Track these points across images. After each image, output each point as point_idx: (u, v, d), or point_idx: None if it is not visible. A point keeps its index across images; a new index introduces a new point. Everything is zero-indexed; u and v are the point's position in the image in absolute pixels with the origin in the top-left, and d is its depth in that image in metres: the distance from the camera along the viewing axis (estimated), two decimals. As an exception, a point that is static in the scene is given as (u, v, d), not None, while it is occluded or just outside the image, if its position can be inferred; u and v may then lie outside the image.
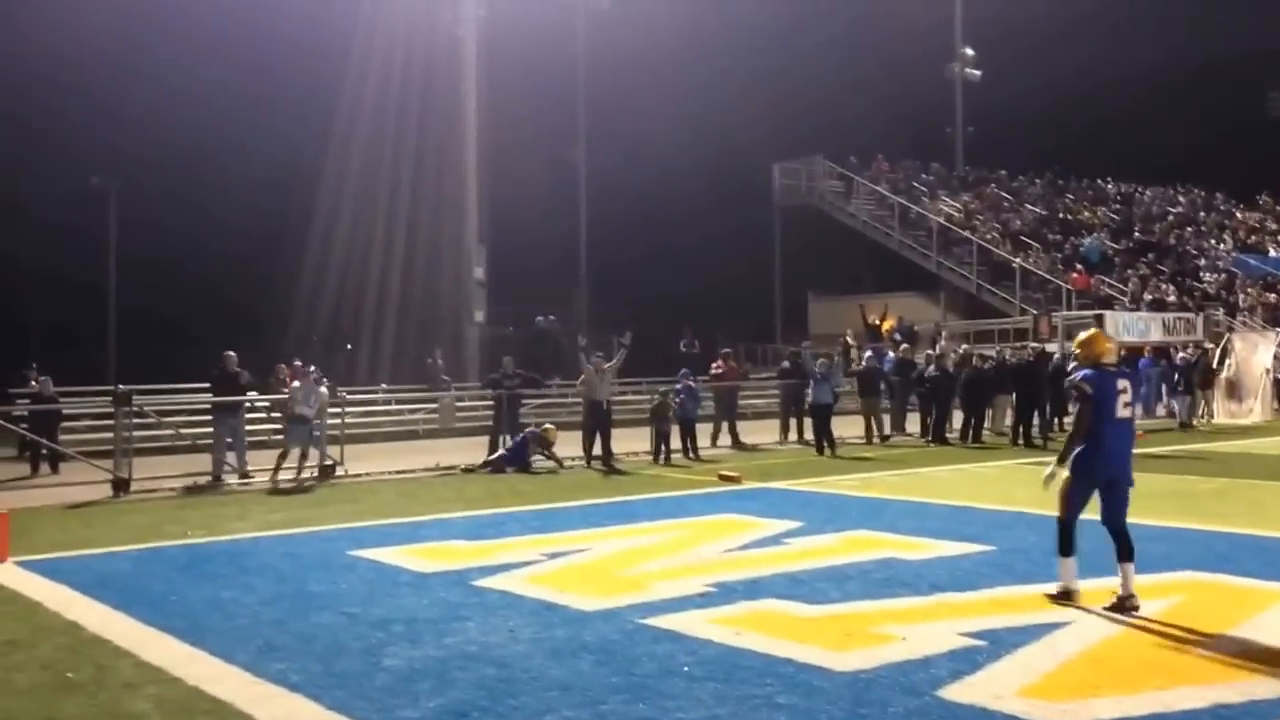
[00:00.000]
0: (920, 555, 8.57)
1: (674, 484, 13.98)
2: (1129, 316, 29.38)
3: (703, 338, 29.03)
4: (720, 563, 8.48)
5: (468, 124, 30.29)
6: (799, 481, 13.73)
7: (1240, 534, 9.34)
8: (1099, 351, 6.96)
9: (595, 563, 8.64)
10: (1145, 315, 29.84)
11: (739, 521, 10.57)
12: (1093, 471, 6.80)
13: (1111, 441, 6.80)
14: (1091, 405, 6.77)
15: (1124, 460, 6.87)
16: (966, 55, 45.10)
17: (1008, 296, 31.97)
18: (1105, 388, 6.79)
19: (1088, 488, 6.84)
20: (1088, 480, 6.81)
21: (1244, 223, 42.95)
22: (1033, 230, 35.83)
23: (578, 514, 11.46)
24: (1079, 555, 6.98)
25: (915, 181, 38.97)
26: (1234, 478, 13.58)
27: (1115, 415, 6.80)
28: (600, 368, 16.39)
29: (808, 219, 38.21)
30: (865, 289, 37.46)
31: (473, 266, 30.68)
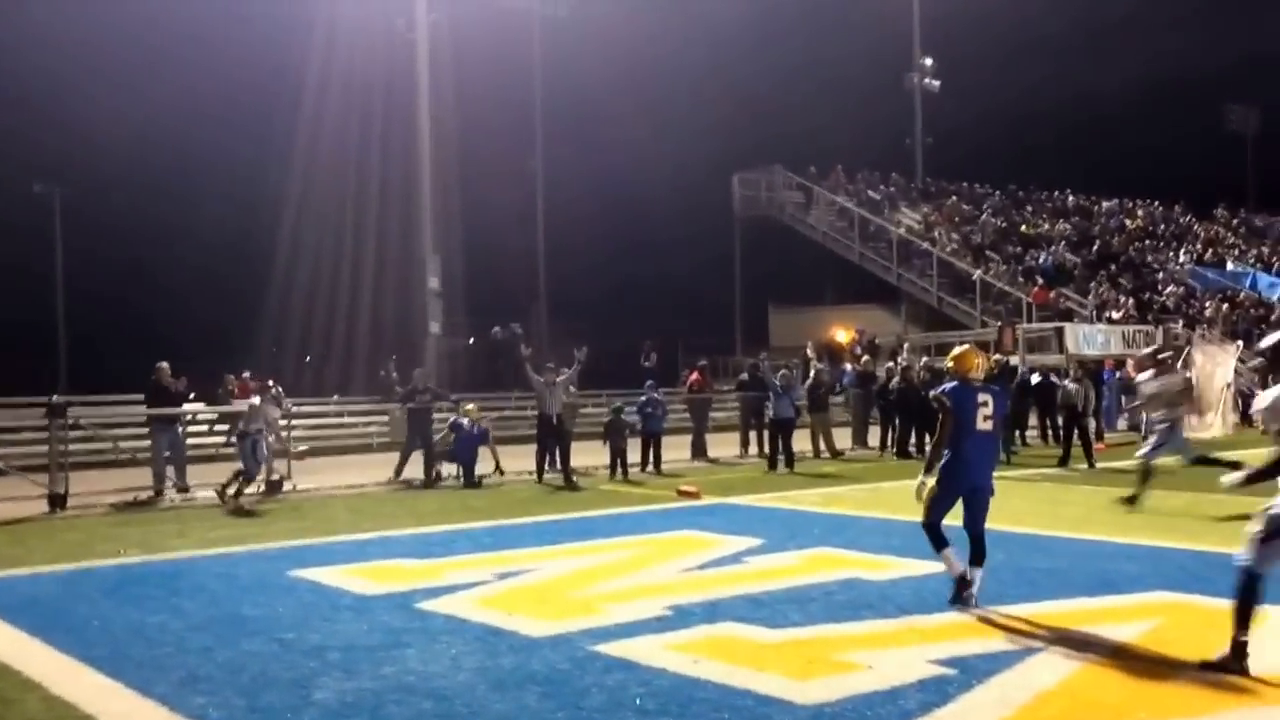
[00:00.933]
0: (885, 575, 8.25)
1: (631, 499, 13.62)
2: (1088, 329, 29.43)
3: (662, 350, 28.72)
4: (678, 583, 8.12)
5: (421, 131, 29.79)
6: (760, 497, 13.41)
7: (1211, 551, 9.08)
8: (967, 367, 7.26)
9: (547, 583, 8.26)
10: (1105, 328, 29.92)
11: (697, 539, 10.22)
12: (956, 480, 7.14)
13: (972, 452, 7.14)
14: (951, 418, 7.09)
15: (984, 469, 7.25)
16: (925, 66, 45.15)
17: (968, 309, 31.94)
18: (964, 402, 7.12)
19: (952, 495, 7.19)
20: (952, 489, 7.15)
21: (1201, 236, 43.34)
22: (993, 242, 35.86)
23: (531, 531, 11.08)
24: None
25: (875, 192, 38.91)
26: (1200, 492, 13.37)
27: (975, 428, 7.12)
28: (551, 380, 15.93)
29: (768, 230, 38.05)
30: (826, 301, 37.43)
31: (427, 277, 30.15)
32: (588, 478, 16.19)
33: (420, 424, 16.11)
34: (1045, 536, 10.02)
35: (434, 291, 30.15)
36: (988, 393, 7.18)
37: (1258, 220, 47.91)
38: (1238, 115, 55.51)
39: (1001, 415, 7.35)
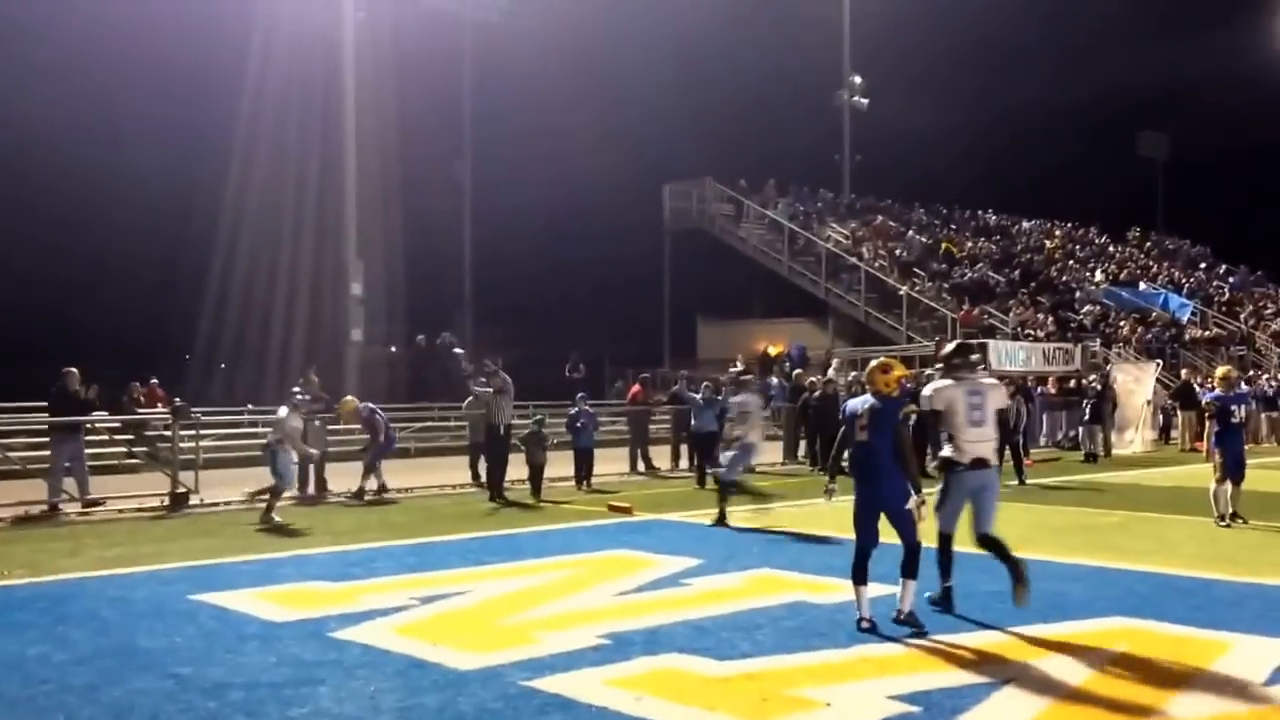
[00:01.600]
0: (832, 598, 7.84)
1: (562, 515, 13.08)
2: (1010, 346, 29.61)
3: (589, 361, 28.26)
4: (615, 608, 7.63)
5: (347, 133, 28.97)
6: (693, 513, 12.95)
7: (1156, 573, 8.87)
8: (872, 382, 7.24)
9: (475, 608, 7.70)
10: (1026, 345, 30.15)
11: (633, 559, 9.73)
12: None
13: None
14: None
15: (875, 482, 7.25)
16: (855, 83, 45.41)
17: (895, 324, 31.98)
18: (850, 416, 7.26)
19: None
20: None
21: (1115, 257, 44.14)
22: (918, 259, 36.02)
23: (457, 549, 10.49)
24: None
25: (805, 207, 38.93)
26: (1132, 510, 13.28)
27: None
28: (499, 388, 15.20)
29: (698, 242, 37.79)
30: (754, 314, 37.28)
31: (350, 283, 29.30)
32: (510, 492, 15.60)
33: (312, 434, 15.33)
34: (986, 557, 9.67)
35: (356, 298, 29.31)
36: (868, 405, 7.11)
37: (1168, 243, 49.08)
38: (1149, 141, 56.96)
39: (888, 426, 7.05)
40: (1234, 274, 47.11)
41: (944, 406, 7.48)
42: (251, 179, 35.85)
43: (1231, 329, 38.43)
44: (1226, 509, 11.57)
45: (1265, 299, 45.30)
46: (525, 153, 41.68)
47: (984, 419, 7.49)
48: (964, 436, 7.48)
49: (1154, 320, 36.28)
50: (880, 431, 6.98)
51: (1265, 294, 46.10)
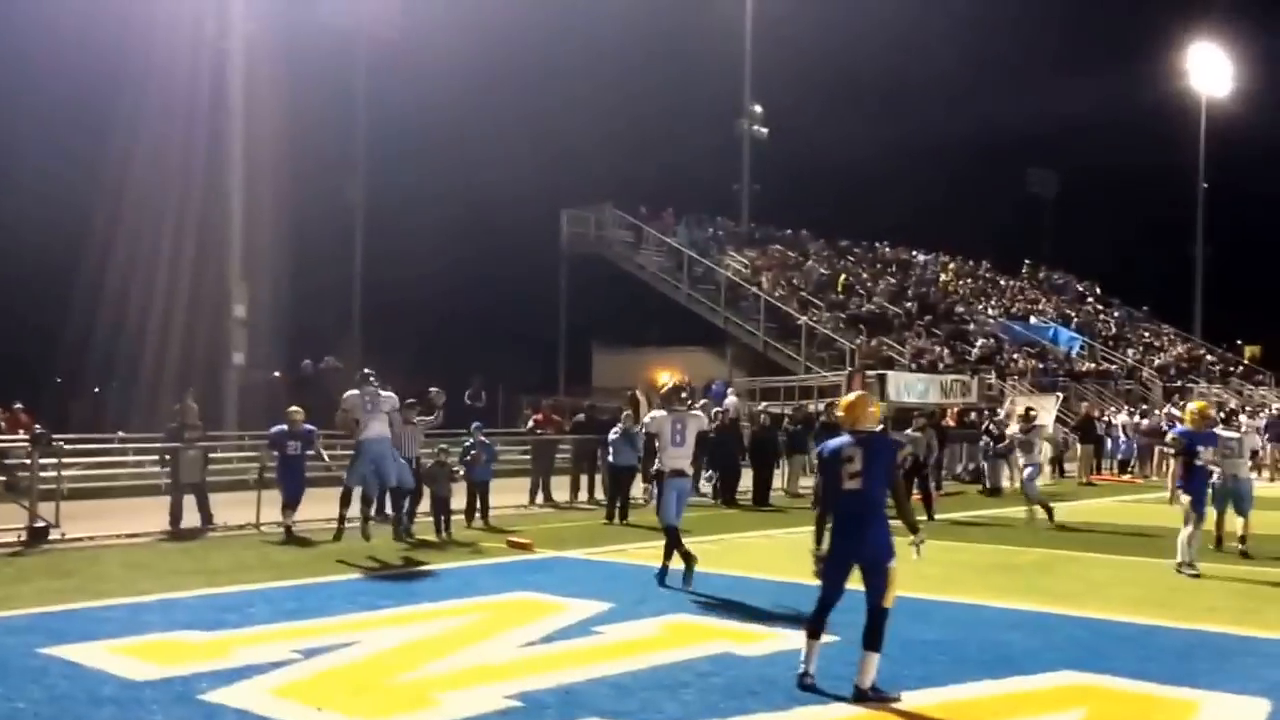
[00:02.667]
0: (759, 649, 7.25)
1: (458, 553, 12.22)
2: (909, 377, 29.71)
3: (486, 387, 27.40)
4: (522, 662, 6.89)
5: (232, 150, 27.70)
6: (599, 550, 12.26)
7: (1093, 619, 8.49)
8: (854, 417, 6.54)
9: (364, 663, 6.89)
10: (925, 377, 30.29)
11: (538, 602, 9.01)
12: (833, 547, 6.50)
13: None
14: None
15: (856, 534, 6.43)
16: (754, 113, 45.51)
17: (794, 354, 31.85)
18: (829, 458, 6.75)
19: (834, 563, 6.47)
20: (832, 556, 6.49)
21: (1007, 291, 45.00)
22: (816, 289, 36.07)
23: (344, 592, 9.62)
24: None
25: (704, 235, 38.75)
26: (1049, 548, 13.02)
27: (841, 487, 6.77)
28: (411, 419, 14.27)
29: (595, 268, 37.25)
30: (651, 342, 36.83)
31: (233, 304, 27.94)
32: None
33: (190, 464, 14.26)
34: (917, 600, 9.17)
35: (239, 320, 27.96)
36: (856, 446, 6.23)
37: (1056, 278, 50.30)
38: (1037, 178, 58.53)
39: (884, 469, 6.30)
40: (1119, 309, 48.54)
41: (656, 430, 9.96)
42: (129, 194, 34.12)
43: (1118, 363, 39.42)
44: (1192, 557, 10.65)
45: (1151, 334, 46.70)
46: (420, 173, 40.68)
47: (684, 441, 9.85)
48: (668, 453, 9.87)
49: (1046, 353, 36.97)
50: (876, 476, 6.20)
51: (1150, 329, 47.53)
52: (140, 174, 33.68)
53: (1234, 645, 7.50)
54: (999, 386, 31.52)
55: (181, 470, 14.10)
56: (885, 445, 6.35)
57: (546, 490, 18.20)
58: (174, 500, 13.91)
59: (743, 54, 42.35)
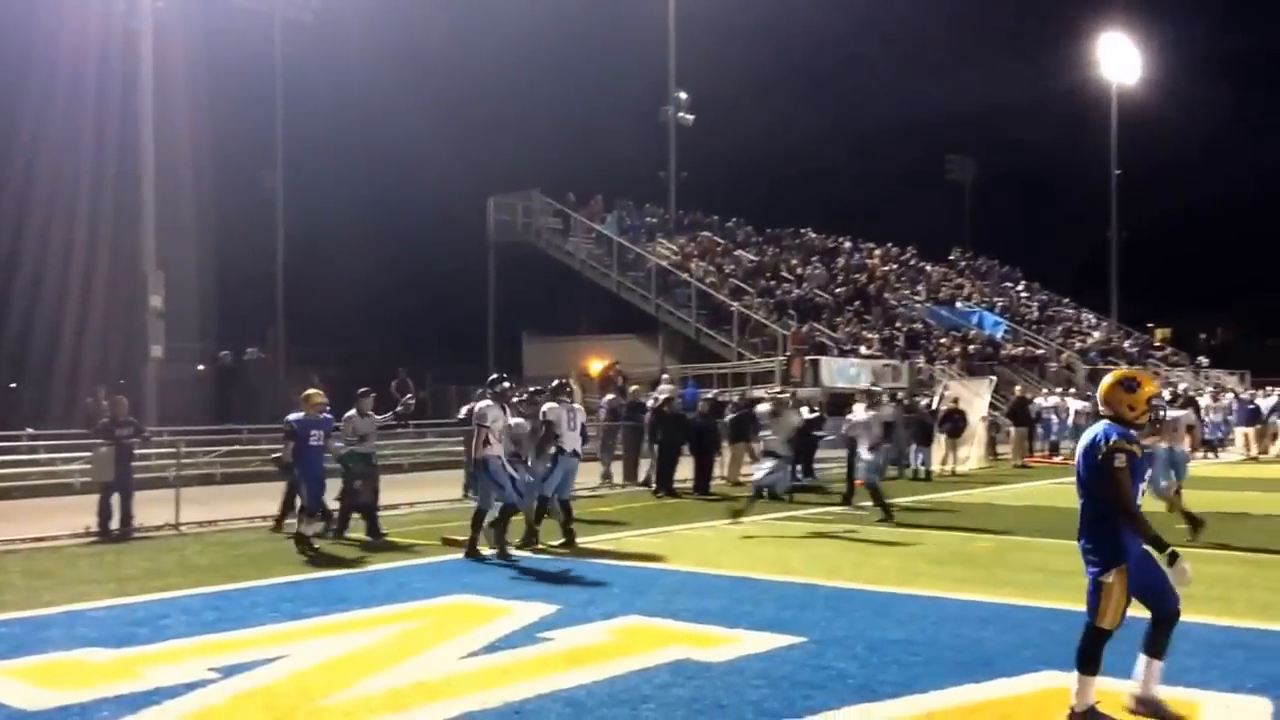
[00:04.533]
0: (721, 653, 6.74)
1: (390, 552, 11.57)
2: (842, 363, 29.60)
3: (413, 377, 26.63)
4: (464, 677, 6.30)
5: (144, 135, 26.50)
6: (541, 545, 11.66)
7: (1063, 610, 8.08)
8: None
9: (291, 681, 6.25)
10: (857, 361, 30.22)
11: (479, 606, 8.42)
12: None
13: None
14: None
15: None
16: (680, 100, 45.07)
17: (726, 341, 31.53)
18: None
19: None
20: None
21: (933, 277, 45.20)
22: (746, 276, 35.79)
23: (268, 598, 8.93)
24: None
25: (633, 222, 38.25)
26: (999, 534, 12.74)
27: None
28: (366, 411, 13.41)
29: (524, 256, 36.55)
30: (582, 330, 36.30)
31: (149, 295, 26.77)
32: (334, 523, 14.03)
33: (122, 463, 13.37)
34: (879, 594, 8.82)
35: (156, 311, 26.78)
36: None
37: (980, 263, 50.76)
38: (956, 165, 59.12)
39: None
40: (1040, 294, 49.14)
41: (554, 418, 11.85)
42: (37, 180, 32.67)
43: (1043, 347, 39.80)
44: None
45: (1072, 319, 47.31)
46: (341, 162, 39.67)
47: (575, 426, 11.95)
48: (564, 437, 11.82)
49: (973, 338, 37.13)
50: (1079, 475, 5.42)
51: (1071, 314, 48.17)
52: (48, 160, 32.27)
53: (1218, 637, 7.17)
54: (929, 371, 31.53)
55: (100, 469, 13.20)
56: (1092, 443, 5.37)
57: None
58: (103, 501, 13.02)
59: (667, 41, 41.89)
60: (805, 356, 28.72)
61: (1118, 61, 52.31)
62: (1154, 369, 41.89)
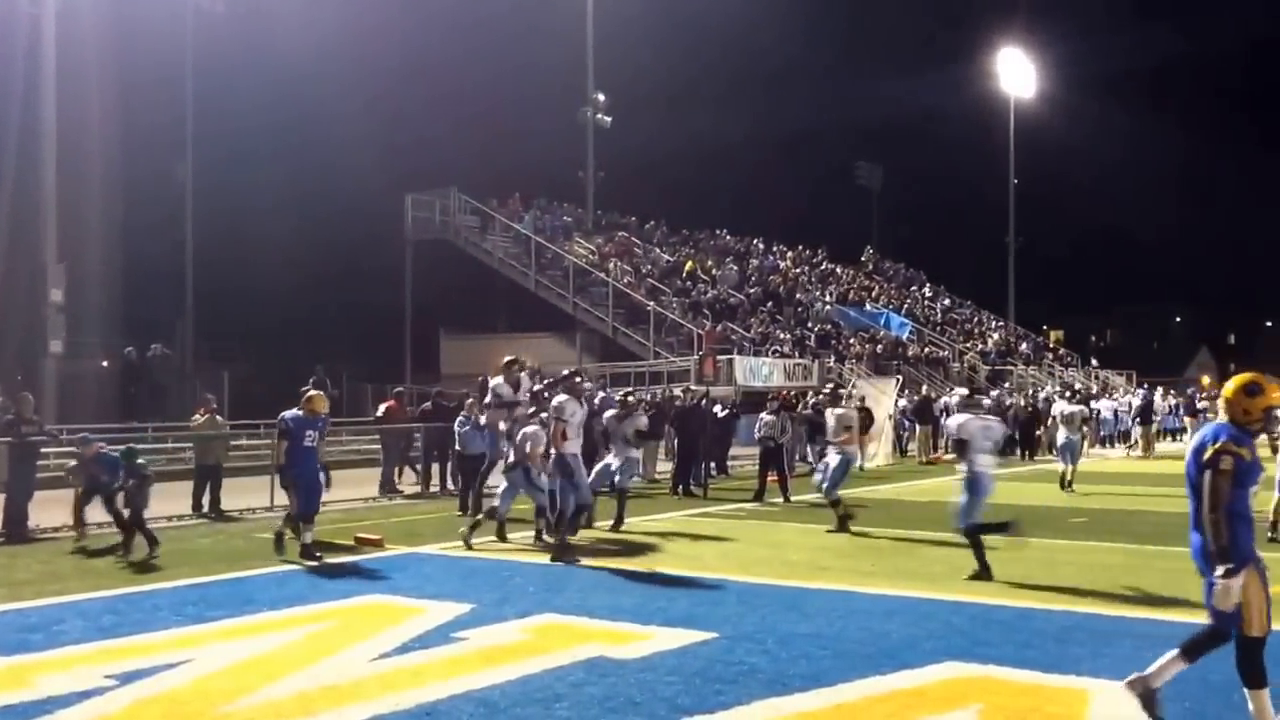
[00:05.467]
0: (635, 650, 6.78)
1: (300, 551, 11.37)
2: (755, 361, 29.94)
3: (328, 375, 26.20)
4: (375, 679, 6.23)
5: (45, 122, 25.69)
6: (454, 545, 11.58)
7: (966, 602, 8.34)
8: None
9: (192, 687, 6.11)
10: (770, 361, 30.59)
11: (391, 606, 8.35)
12: None
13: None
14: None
15: None
16: (598, 100, 45.12)
17: (643, 340, 31.67)
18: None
19: None
20: None
21: (843, 279, 45.93)
22: (662, 276, 36.00)
23: (171, 601, 8.70)
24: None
25: (552, 221, 38.22)
26: (905, 529, 13.00)
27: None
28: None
29: (441, 254, 36.22)
30: (500, 329, 36.12)
31: (49, 288, 25.96)
32: (242, 523, 13.81)
33: (24, 464, 12.94)
34: (789, 588, 8.95)
35: (56, 305, 25.96)
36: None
37: (886, 266, 51.80)
38: (865, 172, 60.34)
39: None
40: (943, 296, 50.36)
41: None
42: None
43: (946, 348, 40.77)
44: None
45: (970, 320, 48.51)
46: (254, 154, 38.87)
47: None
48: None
49: (881, 338, 37.84)
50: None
51: (971, 316, 49.40)
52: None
53: (1108, 627, 7.42)
54: (838, 370, 32.04)
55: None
56: (1201, 443, 5.18)
57: (392, 481, 17.48)
58: (9, 502, 12.56)
59: (586, 42, 41.91)
60: (719, 355, 28.97)
61: (1016, 77, 54.19)
62: (1048, 369, 43.29)
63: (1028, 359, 43.76)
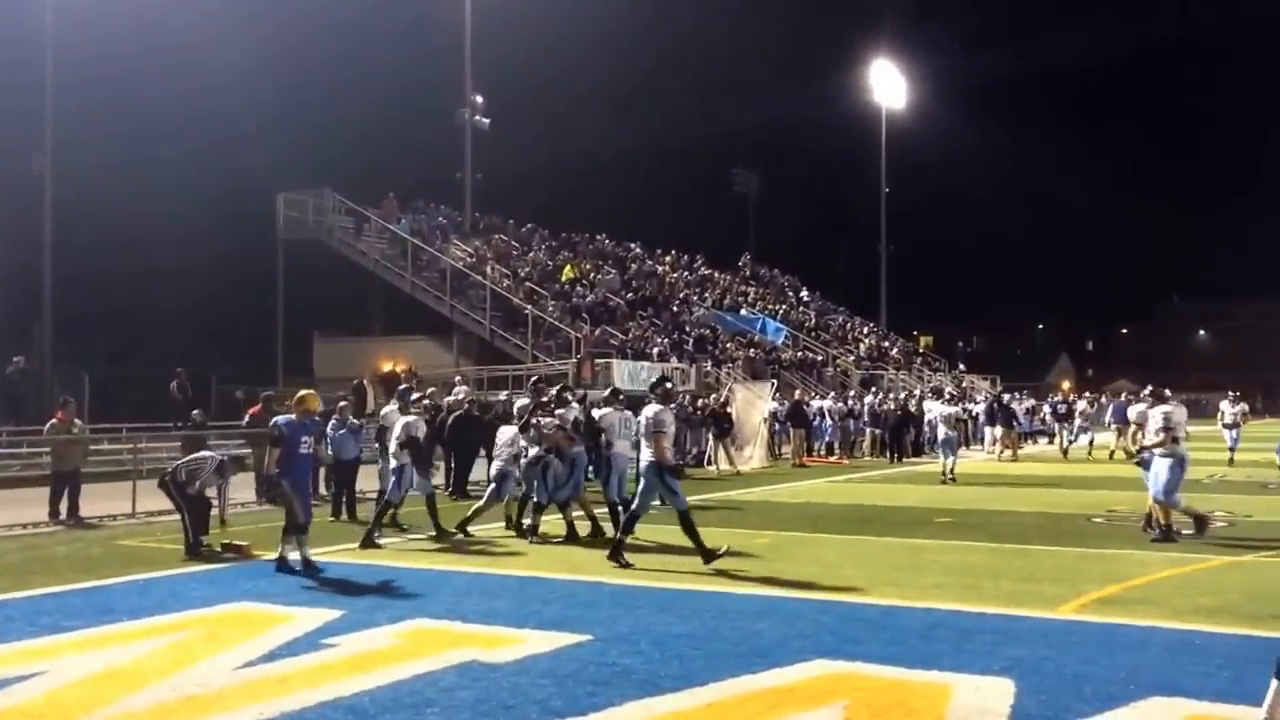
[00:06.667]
0: (508, 653, 6.77)
1: (165, 559, 11.05)
2: (633, 365, 30.11)
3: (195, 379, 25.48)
4: (240, 688, 6.10)
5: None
6: (324, 550, 11.34)
7: (834, 601, 8.54)
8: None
9: (46, 700, 5.89)
10: (647, 365, 30.77)
11: (258, 613, 8.17)
12: None
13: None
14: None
15: None
16: (476, 103, 44.81)
17: (520, 343, 31.57)
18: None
19: None
20: None
21: (720, 284, 46.54)
22: (540, 279, 35.95)
23: (25, 611, 8.37)
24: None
25: (428, 222, 37.81)
26: (778, 530, 13.26)
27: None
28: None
29: (315, 255, 35.48)
30: (375, 331, 35.61)
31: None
32: (101, 530, 13.32)
33: None
34: (663, 590, 9.04)
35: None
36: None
37: (762, 272, 52.70)
38: (742, 178, 61.29)
39: None
40: (817, 302, 51.47)
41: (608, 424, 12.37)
42: None
43: (820, 353, 41.67)
44: None
45: (844, 325, 49.69)
46: (118, 152, 37.53)
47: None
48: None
49: (757, 343, 38.46)
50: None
51: (844, 322, 50.60)
52: None
53: (969, 623, 7.69)
54: (715, 374, 32.45)
55: None
56: None
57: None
58: None
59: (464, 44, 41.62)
60: (597, 359, 29.05)
61: (888, 88, 55.78)
62: (918, 374, 44.65)
63: (899, 364, 45.01)
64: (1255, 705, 5.31)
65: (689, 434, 24.45)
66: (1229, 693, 5.82)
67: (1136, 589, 9.06)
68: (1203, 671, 6.30)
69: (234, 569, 10.43)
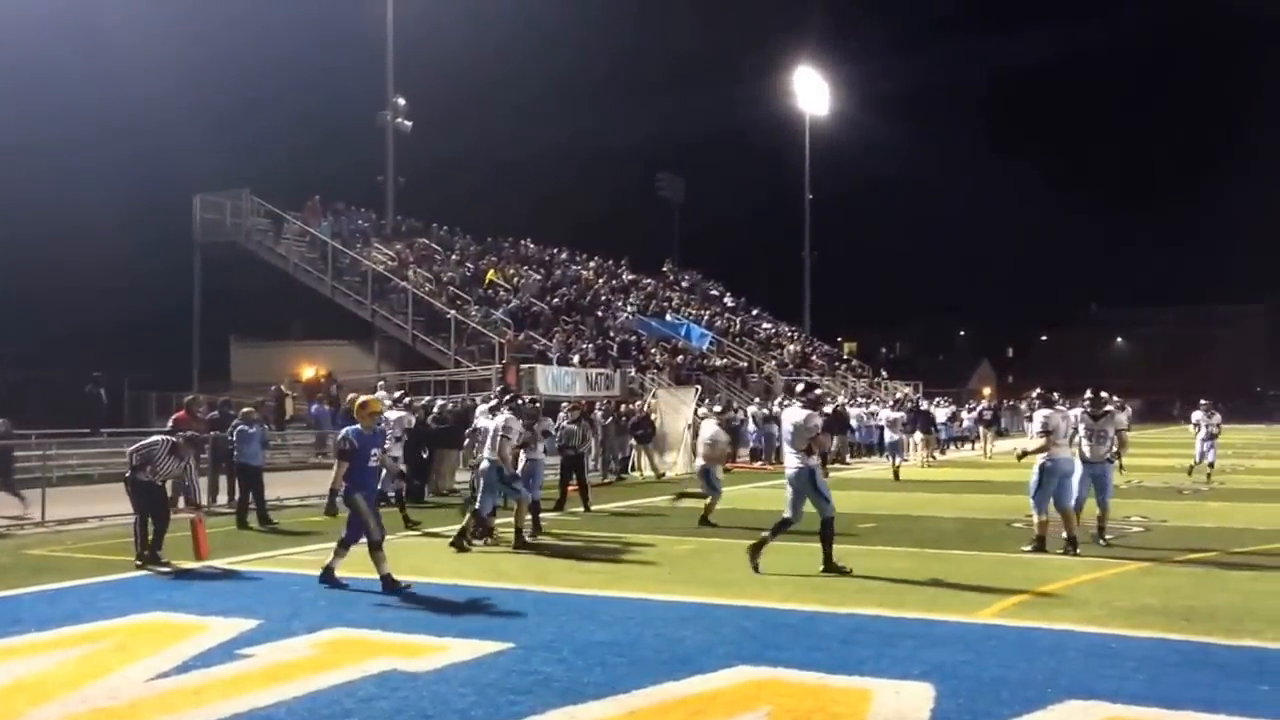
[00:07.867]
0: (428, 662, 6.69)
1: (76, 568, 10.73)
2: (557, 371, 30.04)
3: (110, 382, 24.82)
4: (152, 700, 5.94)
5: None
6: (240, 558, 11.14)
7: (757, 608, 8.58)
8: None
9: (-51, 714, 5.72)
10: (572, 370, 30.72)
11: (171, 624, 7.97)
12: None
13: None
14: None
15: None
16: (398, 105, 44.36)
17: (443, 348, 31.31)
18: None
19: None
20: None
21: (645, 289, 46.67)
22: (464, 284, 35.70)
23: (-76, 625, 8.08)
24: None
25: (349, 225, 37.31)
26: (702, 536, 13.30)
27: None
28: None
29: (232, 257, 34.81)
30: (294, 335, 35.06)
31: None
32: (9, 540, 12.90)
33: None
34: (586, 597, 9.01)
35: None
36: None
37: (686, 277, 52.96)
38: (667, 183, 61.54)
39: None
40: (741, 308, 51.83)
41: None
42: None
43: (745, 359, 41.96)
44: None
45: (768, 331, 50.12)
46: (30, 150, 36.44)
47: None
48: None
49: (681, 348, 38.59)
50: None
51: (769, 328, 51.03)
52: None
53: (890, 628, 7.77)
54: (640, 380, 32.49)
55: None
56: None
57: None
58: None
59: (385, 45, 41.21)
60: (521, 364, 28.90)
61: (811, 95, 56.41)
62: (841, 379, 45.20)
63: (823, 369, 45.50)
64: (1170, 708, 5.45)
65: (615, 441, 24.49)
66: (1145, 695, 5.96)
67: (1055, 593, 9.23)
68: (1119, 674, 6.44)
69: (145, 578, 10.16)
